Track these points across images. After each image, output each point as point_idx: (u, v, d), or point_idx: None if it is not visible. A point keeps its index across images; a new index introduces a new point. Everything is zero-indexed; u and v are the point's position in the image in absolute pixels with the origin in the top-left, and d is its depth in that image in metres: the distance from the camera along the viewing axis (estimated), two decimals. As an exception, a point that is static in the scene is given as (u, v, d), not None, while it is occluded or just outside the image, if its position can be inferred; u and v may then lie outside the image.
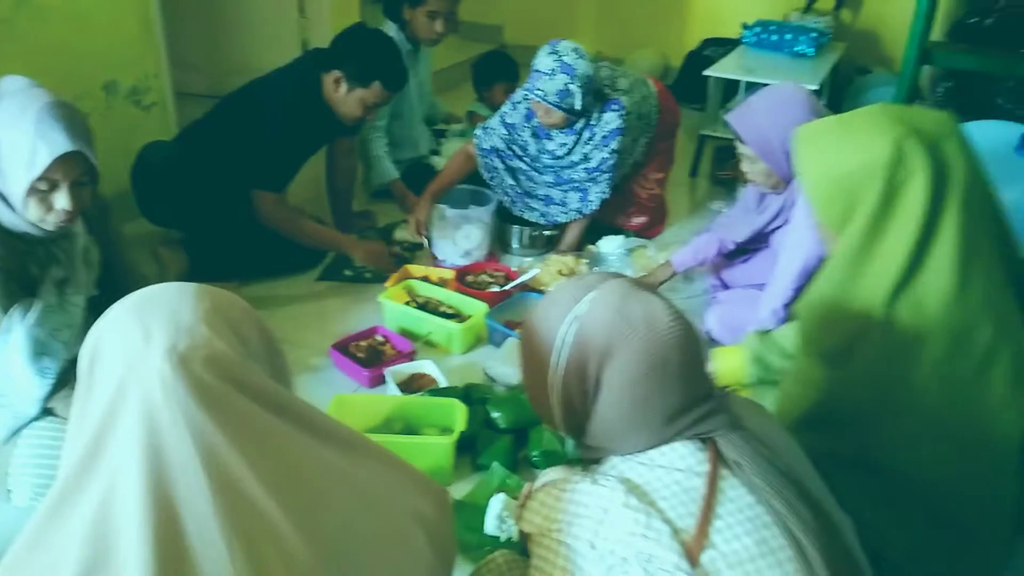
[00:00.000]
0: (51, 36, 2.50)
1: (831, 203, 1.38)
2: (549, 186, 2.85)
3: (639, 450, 1.01)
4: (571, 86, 2.50)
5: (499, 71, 3.41)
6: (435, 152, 3.42)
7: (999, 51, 2.92)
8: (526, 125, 2.78)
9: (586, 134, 2.70)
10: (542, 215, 2.87)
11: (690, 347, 1.03)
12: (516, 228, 2.88)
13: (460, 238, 2.70)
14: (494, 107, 3.40)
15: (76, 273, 1.65)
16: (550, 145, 2.77)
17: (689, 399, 1.02)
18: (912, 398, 1.35)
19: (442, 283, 2.56)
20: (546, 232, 2.90)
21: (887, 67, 4.31)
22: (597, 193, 2.77)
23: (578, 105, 2.55)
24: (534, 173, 2.86)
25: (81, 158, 1.51)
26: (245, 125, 2.47)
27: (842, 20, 4.49)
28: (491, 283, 2.60)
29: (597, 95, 2.66)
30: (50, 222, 1.54)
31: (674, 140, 3.06)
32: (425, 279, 2.57)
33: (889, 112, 1.36)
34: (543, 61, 2.54)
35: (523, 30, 5.51)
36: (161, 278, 2.47)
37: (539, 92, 2.53)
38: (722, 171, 3.58)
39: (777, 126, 1.91)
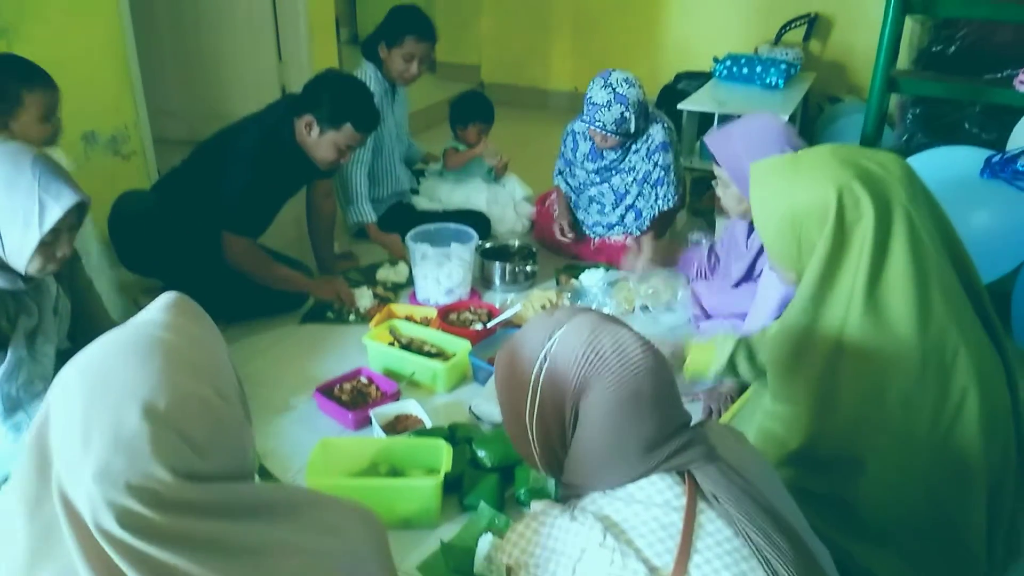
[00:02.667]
0: (29, 88, 2.51)
1: (781, 242, 1.42)
2: (614, 207, 3.11)
3: (618, 485, 1.01)
4: (626, 114, 2.80)
5: (474, 112, 3.45)
6: (415, 191, 3.44)
7: (963, 78, 2.99)
8: (575, 155, 3.13)
9: (634, 146, 3.00)
10: (611, 230, 3.16)
11: (662, 377, 1.03)
12: (498, 264, 2.90)
13: (442, 276, 2.71)
14: (469, 145, 3.45)
15: (46, 323, 1.64)
16: (604, 160, 3.05)
17: (664, 430, 1.02)
18: (886, 425, 1.36)
19: (425, 322, 2.57)
20: (527, 268, 2.92)
21: (857, 95, 4.41)
22: (648, 209, 3.04)
23: (632, 129, 2.87)
24: (599, 195, 3.13)
25: (79, 205, 1.54)
26: (218, 171, 2.48)
27: (811, 51, 4.59)
28: (474, 320, 2.60)
29: (645, 114, 2.94)
30: (48, 271, 1.57)
31: (674, 218, 3.31)
32: (408, 319, 2.57)
33: (838, 154, 1.39)
34: (598, 94, 2.81)
35: (500, 70, 5.60)
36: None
37: (599, 123, 2.83)
38: (700, 202, 3.64)
39: (750, 153, 1.95)
